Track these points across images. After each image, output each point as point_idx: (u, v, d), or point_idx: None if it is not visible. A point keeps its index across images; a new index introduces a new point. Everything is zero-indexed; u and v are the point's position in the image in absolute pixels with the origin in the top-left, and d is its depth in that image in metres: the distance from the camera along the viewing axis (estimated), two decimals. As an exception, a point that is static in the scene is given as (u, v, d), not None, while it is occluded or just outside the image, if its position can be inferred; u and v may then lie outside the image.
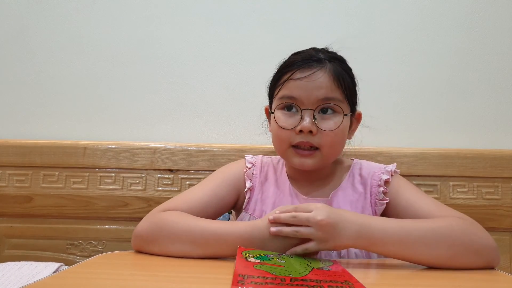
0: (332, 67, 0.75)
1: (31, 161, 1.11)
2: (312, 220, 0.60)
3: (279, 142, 0.77)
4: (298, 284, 0.49)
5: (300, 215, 0.61)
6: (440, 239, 0.62)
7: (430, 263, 0.63)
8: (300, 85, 0.74)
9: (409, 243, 0.62)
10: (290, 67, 0.76)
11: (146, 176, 1.11)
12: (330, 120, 0.74)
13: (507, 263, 1.05)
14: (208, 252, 0.66)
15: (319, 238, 0.61)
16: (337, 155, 0.81)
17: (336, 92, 0.74)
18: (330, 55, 0.78)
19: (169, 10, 1.19)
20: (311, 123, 0.72)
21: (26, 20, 1.20)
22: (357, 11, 1.17)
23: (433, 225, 0.64)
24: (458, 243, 0.62)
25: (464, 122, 1.15)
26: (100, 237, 1.11)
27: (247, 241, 0.64)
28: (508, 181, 1.07)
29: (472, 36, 1.16)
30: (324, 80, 0.73)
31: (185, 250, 0.66)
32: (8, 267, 0.86)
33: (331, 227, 0.61)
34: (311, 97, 0.73)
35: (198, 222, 0.68)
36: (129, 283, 0.53)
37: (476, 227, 0.67)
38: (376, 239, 0.62)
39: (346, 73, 0.77)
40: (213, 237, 0.65)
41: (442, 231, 0.63)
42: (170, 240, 0.66)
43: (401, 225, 0.64)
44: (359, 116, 0.84)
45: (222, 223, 0.69)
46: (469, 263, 0.63)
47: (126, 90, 1.19)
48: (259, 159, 0.87)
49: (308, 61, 0.75)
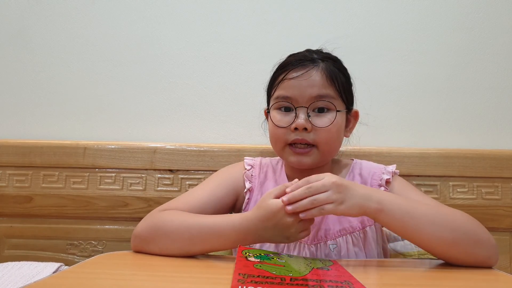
0: (325, 66, 0.77)
1: (31, 161, 1.11)
2: (328, 183, 0.62)
3: (276, 140, 0.79)
4: (298, 284, 0.49)
5: (315, 184, 0.62)
6: (444, 221, 0.64)
7: (432, 245, 0.63)
8: (294, 84, 0.76)
9: (415, 217, 0.63)
10: (284, 68, 0.79)
11: (146, 176, 1.11)
12: (324, 117, 0.75)
13: (507, 263, 1.05)
14: (206, 248, 0.67)
15: (336, 199, 0.62)
16: (334, 152, 0.81)
17: (329, 89, 0.76)
18: (324, 55, 0.81)
19: (169, 10, 1.19)
20: (305, 120, 0.74)
21: (26, 20, 1.20)
22: (357, 11, 1.17)
23: (439, 209, 0.68)
24: (461, 229, 0.64)
25: (464, 122, 1.15)
26: (100, 237, 1.11)
27: (242, 234, 0.64)
28: (508, 181, 1.07)
29: (472, 36, 1.16)
30: (317, 78, 0.75)
31: (183, 248, 0.66)
32: (8, 267, 0.86)
33: (345, 188, 0.62)
34: (304, 95, 0.75)
35: (194, 218, 0.68)
36: (129, 283, 0.53)
37: (478, 223, 0.67)
38: (385, 205, 0.63)
39: (340, 71, 0.79)
40: (209, 231, 0.65)
41: (447, 216, 0.65)
42: (168, 239, 0.67)
43: (408, 200, 0.68)
44: (356, 115, 0.84)
45: (218, 217, 0.69)
46: (470, 253, 0.63)
47: (126, 90, 1.19)
48: (258, 160, 0.88)
49: (302, 61, 0.77)
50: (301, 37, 1.17)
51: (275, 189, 0.65)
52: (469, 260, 0.63)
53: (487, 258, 0.64)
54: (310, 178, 0.64)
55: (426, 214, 0.64)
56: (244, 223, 0.64)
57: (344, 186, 0.62)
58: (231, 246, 0.68)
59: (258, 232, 0.63)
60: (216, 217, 0.69)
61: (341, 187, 0.62)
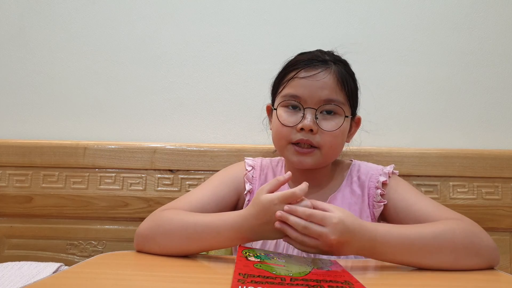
0: (337, 69, 0.76)
1: (31, 161, 1.11)
2: (329, 222, 0.58)
3: (279, 139, 0.78)
4: (298, 284, 0.49)
5: (316, 213, 0.59)
6: (442, 245, 0.62)
7: (433, 268, 0.63)
8: (304, 84, 0.74)
9: (413, 252, 0.62)
10: (295, 66, 0.77)
11: (146, 176, 1.11)
12: (331, 121, 0.75)
13: (507, 263, 1.05)
14: (204, 246, 0.67)
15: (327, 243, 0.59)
16: (335, 156, 0.81)
17: (339, 94, 0.75)
18: (335, 57, 0.79)
19: (169, 10, 1.19)
20: (312, 122, 0.73)
21: (26, 20, 1.20)
22: (357, 11, 1.17)
23: (436, 230, 0.64)
24: (460, 247, 0.63)
25: (464, 122, 1.15)
26: (100, 237, 1.11)
27: (238, 232, 0.64)
28: (508, 181, 1.07)
29: (472, 36, 1.16)
30: (328, 81, 0.74)
31: (181, 247, 0.66)
32: (8, 267, 0.86)
33: (339, 244, 0.59)
34: (314, 97, 0.74)
35: (192, 217, 0.68)
36: (129, 283, 0.53)
37: (476, 228, 0.67)
38: (379, 252, 0.61)
39: (350, 76, 0.78)
40: (207, 230, 0.65)
41: (444, 236, 0.63)
42: (166, 237, 0.67)
43: (404, 235, 0.62)
44: (358, 121, 0.84)
45: (215, 216, 0.68)
46: (471, 265, 0.63)
47: (126, 90, 1.19)
48: (259, 161, 0.88)
49: (314, 61, 0.76)
50: (301, 37, 1.17)
51: (267, 184, 0.64)
52: (471, 268, 0.63)
53: (489, 262, 0.64)
54: (316, 203, 0.62)
55: (424, 245, 0.62)
56: (239, 220, 0.64)
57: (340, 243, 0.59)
58: (229, 244, 0.67)
59: (253, 229, 0.63)
60: (213, 215, 0.69)
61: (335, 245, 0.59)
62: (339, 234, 0.58)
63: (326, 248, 0.60)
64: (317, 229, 0.58)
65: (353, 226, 0.60)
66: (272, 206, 0.60)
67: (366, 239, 0.61)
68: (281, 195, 0.61)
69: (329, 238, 0.58)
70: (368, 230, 0.61)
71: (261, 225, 0.62)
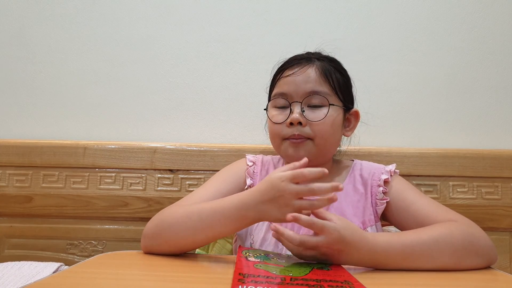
0: (320, 64, 0.79)
1: (31, 161, 1.11)
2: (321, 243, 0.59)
3: (273, 137, 0.81)
4: (299, 284, 0.49)
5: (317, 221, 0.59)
6: (442, 249, 0.62)
7: (434, 270, 0.63)
8: (289, 81, 0.78)
9: (415, 259, 0.62)
10: (281, 67, 0.82)
11: (146, 176, 1.11)
12: (318, 111, 0.77)
13: (507, 263, 1.05)
14: (210, 233, 0.66)
15: (322, 257, 0.60)
16: (331, 147, 0.81)
17: (323, 86, 0.78)
18: (321, 55, 0.83)
19: (169, 10, 1.19)
20: (299, 115, 0.76)
21: (26, 20, 1.20)
22: (357, 11, 1.17)
23: (435, 234, 0.64)
24: (460, 248, 0.63)
25: (464, 122, 1.16)
26: (100, 237, 1.11)
27: (243, 210, 0.63)
28: (508, 181, 1.07)
29: (472, 36, 1.16)
30: (311, 75, 0.78)
31: (187, 238, 0.66)
32: (8, 267, 0.86)
33: (335, 252, 0.60)
34: (298, 91, 0.77)
35: (197, 206, 0.68)
36: (129, 282, 0.53)
37: (473, 229, 0.67)
38: (381, 264, 0.62)
39: (337, 70, 0.81)
40: (211, 214, 0.65)
41: (444, 239, 0.63)
42: (171, 231, 0.66)
43: (404, 244, 0.62)
44: (356, 114, 0.84)
45: (219, 199, 0.68)
46: (471, 265, 0.64)
47: (126, 90, 1.19)
48: (260, 158, 0.88)
49: (298, 60, 0.80)
50: (301, 37, 1.17)
51: (283, 167, 0.64)
52: (470, 268, 0.64)
53: (488, 261, 0.65)
54: (317, 211, 0.62)
55: (424, 250, 0.62)
56: (245, 197, 0.64)
57: (337, 251, 0.60)
58: (234, 226, 0.65)
59: (257, 206, 0.62)
60: (218, 200, 0.69)
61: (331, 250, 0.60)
62: (334, 244, 0.59)
63: (324, 257, 0.61)
64: (312, 241, 0.59)
65: (351, 237, 0.60)
66: (280, 182, 0.61)
67: (365, 251, 0.61)
68: (290, 174, 0.61)
69: (324, 247, 0.59)
70: (369, 243, 0.61)
71: (265, 202, 0.62)
